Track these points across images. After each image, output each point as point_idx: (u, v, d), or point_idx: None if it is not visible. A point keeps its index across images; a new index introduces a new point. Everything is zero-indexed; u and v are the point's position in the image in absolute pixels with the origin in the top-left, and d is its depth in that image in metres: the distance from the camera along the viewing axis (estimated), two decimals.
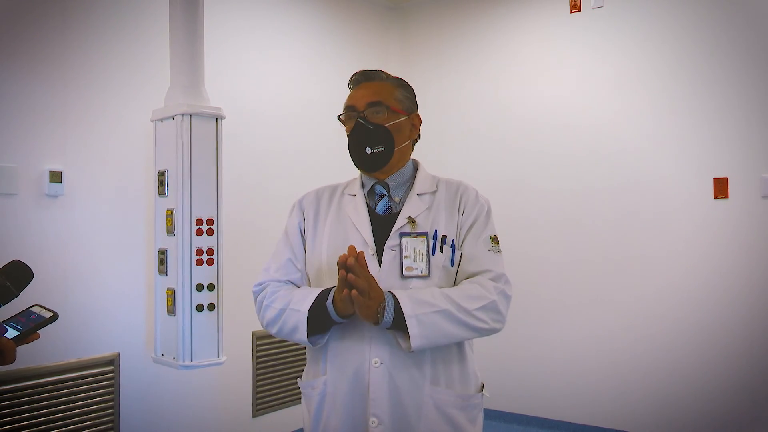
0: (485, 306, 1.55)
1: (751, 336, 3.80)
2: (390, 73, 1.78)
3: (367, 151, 1.65)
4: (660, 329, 4.09)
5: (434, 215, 1.66)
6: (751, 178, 3.83)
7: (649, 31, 4.18)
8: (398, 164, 1.71)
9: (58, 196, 3.13)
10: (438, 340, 1.52)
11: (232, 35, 3.99)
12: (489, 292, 1.57)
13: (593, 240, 4.35)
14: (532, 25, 4.65)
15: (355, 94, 1.71)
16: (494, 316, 1.57)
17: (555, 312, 4.49)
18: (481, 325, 1.55)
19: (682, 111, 4.06)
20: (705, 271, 3.96)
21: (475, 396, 1.66)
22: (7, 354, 0.99)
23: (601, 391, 4.29)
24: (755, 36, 3.83)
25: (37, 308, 1.08)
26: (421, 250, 1.59)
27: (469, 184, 1.76)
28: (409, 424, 1.56)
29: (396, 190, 1.71)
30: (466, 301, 1.53)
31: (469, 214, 1.67)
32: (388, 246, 1.61)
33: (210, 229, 3.06)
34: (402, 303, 1.49)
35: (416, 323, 1.48)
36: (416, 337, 1.49)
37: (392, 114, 1.68)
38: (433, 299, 1.52)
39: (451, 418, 1.59)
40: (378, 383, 1.56)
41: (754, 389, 3.77)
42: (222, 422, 3.84)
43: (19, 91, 3.01)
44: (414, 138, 1.77)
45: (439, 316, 1.50)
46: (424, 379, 1.58)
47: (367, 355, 1.57)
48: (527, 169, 4.63)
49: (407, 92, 1.75)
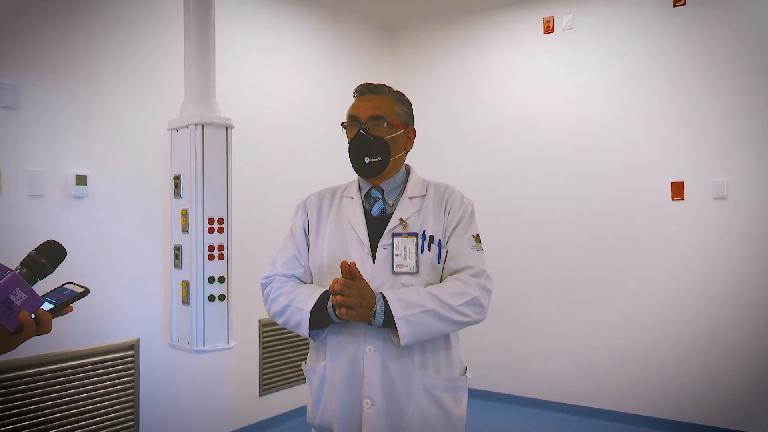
0: (468, 301, 1.56)
1: (703, 324, 3.84)
2: (392, 87, 1.78)
3: (366, 160, 1.66)
4: (624, 314, 4.13)
5: (423, 217, 1.67)
6: (705, 181, 3.87)
7: (614, 50, 4.22)
8: (392, 171, 1.72)
9: (83, 197, 3.13)
10: (425, 336, 1.54)
11: (243, 51, 4.00)
12: (471, 288, 1.58)
13: (564, 233, 4.40)
14: (510, 44, 4.68)
15: (358, 104, 1.71)
16: (477, 309, 1.58)
17: (532, 300, 4.52)
18: (464, 319, 1.57)
19: (644, 121, 4.10)
20: (663, 264, 4.01)
21: (460, 379, 1.67)
22: (44, 324, 1.01)
23: (572, 372, 4.33)
24: (709, 57, 3.88)
25: (70, 285, 1.10)
26: (410, 249, 1.60)
27: (455, 188, 1.76)
28: (399, 406, 1.57)
29: (390, 194, 1.72)
30: (450, 298, 1.54)
31: (455, 215, 1.68)
32: (381, 245, 1.62)
33: (221, 227, 3.06)
34: (391, 305, 1.51)
35: (405, 324, 1.50)
36: (405, 336, 1.51)
37: (391, 128, 1.69)
38: (420, 300, 1.53)
39: (439, 399, 1.60)
40: (371, 369, 1.57)
41: (715, 380, 3.81)
42: (231, 400, 3.86)
43: (48, 102, 3.01)
44: (408, 149, 1.78)
45: (426, 315, 1.52)
46: (413, 365, 1.59)
47: (362, 344, 1.58)
48: (507, 167, 4.67)
49: (406, 107, 1.76)
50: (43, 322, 1.01)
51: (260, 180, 4.07)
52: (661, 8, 4.04)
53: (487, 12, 4.79)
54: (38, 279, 1.06)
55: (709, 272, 3.85)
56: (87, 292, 1.08)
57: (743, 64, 3.77)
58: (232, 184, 3.13)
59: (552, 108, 4.47)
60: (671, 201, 3.98)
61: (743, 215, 3.75)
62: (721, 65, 3.83)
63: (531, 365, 4.50)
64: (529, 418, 4.29)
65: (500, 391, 4.61)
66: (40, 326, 1.01)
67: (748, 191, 3.74)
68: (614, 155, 4.20)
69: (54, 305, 1.04)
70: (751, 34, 3.74)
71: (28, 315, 0.98)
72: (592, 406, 4.24)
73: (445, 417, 1.62)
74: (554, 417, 4.29)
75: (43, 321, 1.01)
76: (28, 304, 0.98)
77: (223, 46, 3.65)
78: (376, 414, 1.56)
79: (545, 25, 4.51)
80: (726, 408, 3.77)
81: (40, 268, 1.06)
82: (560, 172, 4.42)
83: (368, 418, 1.57)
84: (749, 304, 3.71)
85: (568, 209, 4.38)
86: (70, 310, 1.06)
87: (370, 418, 1.56)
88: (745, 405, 3.71)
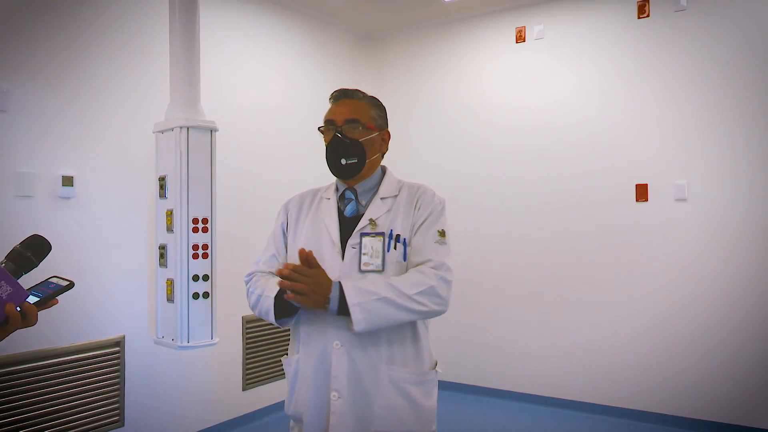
0: (424, 291, 1.53)
1: (666, 318, 3.91)
2: (366, 92, 1.78)
3: (342, 162, 1.67)
4: (594, 309, 4.19)
5: (393, 216, 1.66)
6: (667, 184, 3.94)
7: (582, 59, 4.29)
8: (368, 173, 1.72)
9: (70, 198, 3.09)
10: (381, 323, 1.52)
11: (228, 57, 3.99)
12: (429, 278, 1.55)
13: (535, 231, 4.46)
14: (484, 52, 4.72)
15: (335, 109, 1.71)
16: (434, 300, 1.55)
17: (507, 295, 4.56)
18: (421, 308, 1.54)
19: (610, 125, 4.17)
20: (626, 263, 4.07)
21: (429, 372, 1.66)
22: (29, 316, 1.00)
23: (545, 364, 4.38)
24: (670, 65, 3.95)
25: (56, 279, 1.09)
26: (377, 248, 1.60)
27: (429, 187, 1.75)
28: (366, 398, 1.58)
29: (363, 195, 1.72)
30: (406, 287, 1.52)
31: (424, 211, 1.66)
32: (350, 244, 1.63)
33: (205, 227, 3.04)
34: (346, 292, 1.50)
35: (359, 310, 1.48)
36: (359, 322, 1.49)
37: (366, 131, 1.69)
38: (376, 288, 1.51)
39: (407, 392, 1.60)
40: (338, 362, 1.58)
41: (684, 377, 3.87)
42: (216, 395, 3.84)
43: (36, 104, 2.98)
44: (383, 151, 1.78)
45: (381, 303, 1.50)
46: (380, 359, 1.58)
47: (330, 338, 1.59)
48: (481, 168, 4.72)
49: (380, 111, 1.76)
50: (28, 315, 1.00)
51: (244, 181, 4.06)
52: (626, 20, 4.12)
53: (462, 22, 4.83)
54: (23, 272, 1.05)
55: (671, 270, 3.92)
56: (72, 285, 1.07)
57: (702, 73, 3.85)
58: (216, 185, 3.12)
59: (524, 113, 4.52)
60: (636, 202, 4.05)
61: (703, 216, 3.83)
62: (682, 73, 3.91)
63: (506, 359, 4.54)
64: (504, 410, 4.33)
65: (476, 384, 4.65)
66: (25, 319, 1.00)
67: (707, 193, 3.81)
68: (582, 158, 4.26)
69: (39, 298, 1.03)
70: (708, 46, 3.83)
71: (13, 307, 0.97)
72: (564, 398, 4.29)
73: (414, 409, 1.61)
74: (529, 408, 4.33)
75: (29, 313, 1.00)
76: (14, 297, 0.98)
77: (208, 52, 3.64)
78: (342, 406, 1.57)
79: (517, 34, 4.56)
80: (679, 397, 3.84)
81: (25, 262, 1.05)
82: (531, 174, 4.48)
83: (335, 410, 1.57)
84: (708, 301, 3.79)
85: (538, 209, 4.44)
86: (56, 303, 1.06)
87: (337, 410, 1.57)
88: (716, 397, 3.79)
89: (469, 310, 4.68)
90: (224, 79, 3.96)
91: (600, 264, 4.18)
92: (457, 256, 1.71)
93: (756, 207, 3.68)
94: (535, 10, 4.48)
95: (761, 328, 3.63)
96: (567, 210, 4.32)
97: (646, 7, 4.03)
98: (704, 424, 3.77)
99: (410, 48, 5.10)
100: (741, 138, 3.73)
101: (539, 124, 4.45)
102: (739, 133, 3.73)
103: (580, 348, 4.23)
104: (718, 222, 3.78)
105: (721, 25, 3.80)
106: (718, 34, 3.81)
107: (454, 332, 4.69)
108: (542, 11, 4.45)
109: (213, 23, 3.85)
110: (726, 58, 3.78)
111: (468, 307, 4.67)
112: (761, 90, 3.67)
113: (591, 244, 4.21)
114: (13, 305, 0.97)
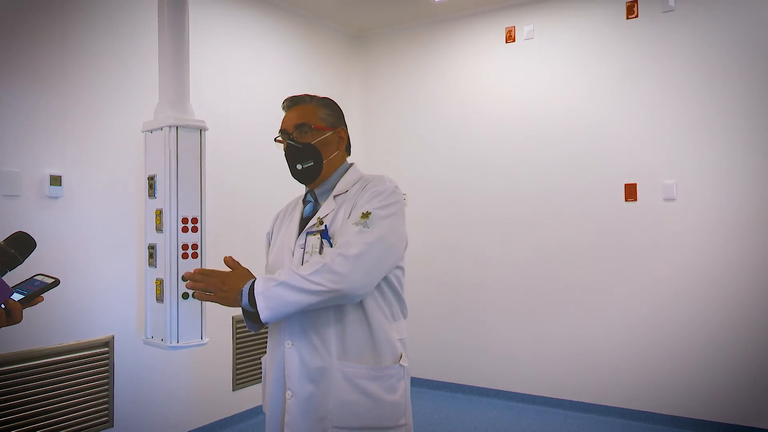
0: (318, 270, 1.46)
1: (655, 317, 3.94)
2: (316, 95, 1.78)
3: (298, 168, 1.69)
4: (581, 308, 4.21)
5: (340, 212, 1.64)
6: (655, 184, 3.97)
7: (572, 59, 4.31)
8: (328, 173, 1.72)
9: (58, 197, 3.07)
10: (284, 308, 1.47)
11: (218, 56, 3.98)
12: (325, 256, 1.49)
13: (522, 233, 4.46)
14: (474, 52, 4.74)
15: (285, 117, 1.75)
16: (330, 277, 1.46)
17: (491, 296, 4.58)
18: (318, 288, 1.45)
19: (599, 126, 4.19)
20: (615, 262, 4.09)
21: (391, 367, 1.61)
22: (14, 313, 0.99)
23: (533, 363, 4.39)
24: (658, 65, 3.99)
25: (40, 276, 1.08)
26: (315, 245, 1.60)
27: (386, 177, 1.67)
28: (320, 395, 1.57)
29: (322, 196, 1.73)
30: (303, 269, 1.48)
31: (362, 197, 1.61)
32: (297, 244, 1.65)
33: (194, 226, 3.03)
34: (256, 284, 1.48)
35: (262, 299, 1.45)
36: (263, 310, 1.45)
37: (317, 132, 1.69)
38: (277, 275, 1.48)
39: (364, 388, 1.57)
40: (290, 362, 1.59)
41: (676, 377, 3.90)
42: (205, 395, 3.82)
43: (23, 103, 2.96)
44: (342, 148, 1.75)
45: (279, 288, 1.45)
46: (331, 356, 1.57)
47: (282, 338, 1.61)
48: (470, 169, 4.73)
49: (331, 110, 1.74)
50: (13, 312, 0.99)
51: (233, 180, 4.05)
52: (615, 20, 4.14)
53: (452, 22, 4.84)
54: (7, 270, 1.04)
55: (661, 269, 3.95)
56: (57, 282, 1.06)
57: (690, 73, 3.88)
58: (205, 184, 3.11)
59: (513, 113, 4.53)
60: (625, 202, 4.07)
61: (691, 215, 3.86)
62: (670, 73, 3.94)
63: (496, 358, 4.55)
64: (495, 409, 4.34)
65: (465, 383, 4.66)
66: (10, 316, 0.99)
67: (695, 192, 3.85)
68: (571, 158, 4.28)
69: (24, 296, 1.02)
70: (696, 46, 3.86)
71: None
72: (555, 397, 4.31)
73: (375, 405, 1.58)
74: (519, 407, 4.35)
75: (14, 311, 0.99)
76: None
77: (197, 51, 3.62)
78: (296, 404, 1.58)
79: (507, 34, 4.57)
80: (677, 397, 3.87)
81: (9, 259, 1.04)
82: (519, 174, 4.49)
83: (289, 408, 1.59)
84: (698, 299, 3.83)
85: (527, 209, 4.45)
86: (41, 300, 1.05)
87: (290, 408, 1.59)
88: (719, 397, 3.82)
89: (458, 310, 4.69)
90: (213, 79, 3.95)
91: (589, 264, 4.20)
92: (446, 257, 1.72)
93: (744, 206, 3.71)
94: (525, 10, 4.50)
95: (753, 326, 3.67)
96: (556, 210, 4.34)
97: (635, 8, 4.05)
98: (695, 423, 3.80)
99: (400, 48, 5.10)
100: (729, 137, 3.76)
101: (528, 124, 4.46)
102: (728, 133, 3.77)
103: (570, 347, 4.25)
104: (707, 221, 3.81)
105: (710, 26, 3.83)
106: (706, 35, 3.84)
107: (444, 332, 4.71)
108: (532, 11, 4.47)
109: (202, 22, 3.84)
110: (714, 58, 3.81)
111: (457, 307, 4.69)
112: (750, 89, 3.71)
113: (581, 244, 4.24)
114: None
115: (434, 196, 4.79)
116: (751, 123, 3.70)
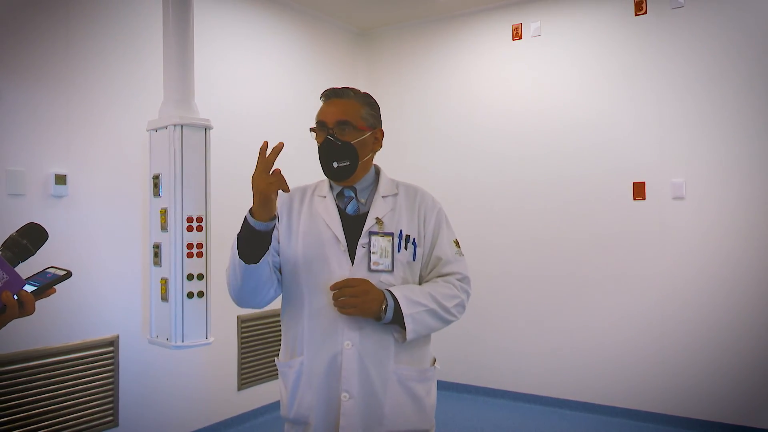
0: (458, 304, 1.68)
1: (662, 315, 3.92)
2: (359, 90, 1.74)
3: (334, 165, 1.64)
4: (590, 308, 4.19)
5: (398, 216, 1.67)
6: (664, 182, 3.95)
7: (579, 56, 4.29)
8: (361, 174, 1.70)
9: (63, 196, 3.08)
10: (424, 332, 1.62)
11: (222, 54, 3.98)
12: (460, 291, 1.69)
13: (532, 231, 4.46)
14: (480, 49, 4.72)
15: (325, 109, 1.68)
16: (461, 311, 1.70)
17: (504, 295, 4.57)
18: (453, 319, 1.68)
19: (607, 124, 4.17)
20: (623, 261, 4.07)
21: (430, 369, 1.69)
22: (27, 305, 0.99)
23: (540, 363, 4.38)
24: (668, 62, 3.96)
25: (52, 269, 1.08)
26: (386, 247, 1.61)
27: (425, 190, 1.79)
28: (376, 398, 1.59)
29: (362, 193, 1.72)
30: (445, 299, 1.64)
31: (431, 218, 1.72)
32: (360, 243, 1.62)
33: (199, 225, 3.03)
34: (401, 303, 1.55)
35: (411, 321, 1.56)
36: (411, 332, 1.57)
37: (358, 132, 1.65)
38: (423, 299, 1.60)
39: (412, 390, 1.62)
40: (349, 363, 1.58)
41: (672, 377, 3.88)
42: (210, 395, 3.83)
43: (29, 103, 2.97)
44: (376, 149, 1.74)
45: (427, 314, 1.60)
46: (389, 358, 1.60)
47: (340, 339, 1.58)
48: (477, 167, 4.72)
49: (372, 110, 1.71)
50: (26, 304, 0.99)
51: (238, 179, 4.04)
52: (623, 17, 4.12)
53: (458, 19, 4.82)
54: (20, 261, 1.05)
55: (669, 268, 3.93)
56: (69, 274, 1.06)
57: (699, 70, 3.85)
58: (210, 183, 3.11)
59: (520, 111, 4.52)
60: (633, 200, 4.05)
61: (700, 214, 3.83)
62: (679, 70, 3.91)
63: (503, 359, 4.54)
64: (501, 409, 4.33)
65: (472, 384, 4.65)
66: (23, 307, 0.99)
67: (704, 191, 3.82)
68: (580, 156, 4.26)
69: (37, 287, 1.02)
70: (705, 42, 3.83)
71: (10, 296, 0.96)
72: (561, 397, 4.30)
73: (418, 407, 1.62)
74: (526, 408, 4.33)
75: (27, 302, 0.99)
76: (11, 285, 0.97)
77: (202, 49, 3.63)
78: (353, 407, 1.57)
79: (514, 31, 4.56)
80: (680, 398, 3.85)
81: (21, 250, 1.05)
82: (527, 172, 4.48)
83: (345, 411, 1.57)
84: (706, 299, 3.80)
85: (535, 208, 4.44)
86: (54, 292, 1.05)
87: (347, 411, 1.57)
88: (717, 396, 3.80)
89: (466, 311, 4.67)
90: (218, 77, 3.95)
91: (597, 263, 4.18)
92: None
93: (753, 205, 3.68)
94: (531, 7, 4.48)
95: (759, 326, 3.64)
96: (564, 208, 4.32)
97: (644, 5, 4.03)
98: (700, 423, 3.78)
99: (405, 45, 5.09)
100: (739, 135, 3.73)
101: (536, 122, 4.45)
102: (738, 131, 3.74)
103: (577, 347, 4.23)
104: (716, 220, 3.78)
105: (719, 22, 3.80)
106: (715, 31, 3.81)
107: (451, 332, 4.69)
108: (539, 8, 4.45)
109: (207, 21, 3.84)
110: (723, 54, 3.78)
111: (474, 310, 4.67)
112: (759, 86, 3.68)
113: (588, 243, 4.22)
114: (9, 293, 0.96)
115: (440, 192, 4.74)
116: (761, 121, 3.67)
